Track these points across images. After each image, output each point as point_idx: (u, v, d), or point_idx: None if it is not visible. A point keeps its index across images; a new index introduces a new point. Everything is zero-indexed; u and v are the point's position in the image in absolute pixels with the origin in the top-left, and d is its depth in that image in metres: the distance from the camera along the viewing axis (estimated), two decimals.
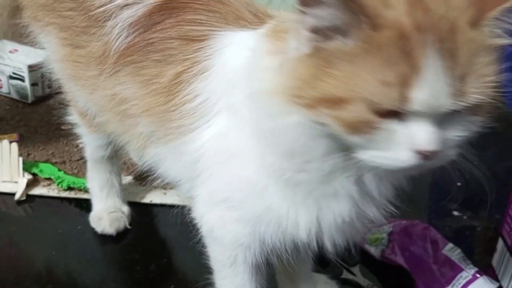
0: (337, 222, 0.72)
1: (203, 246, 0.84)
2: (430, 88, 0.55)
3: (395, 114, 0.56)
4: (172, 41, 0.79)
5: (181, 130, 0.77)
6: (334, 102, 0.57)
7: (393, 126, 0.57)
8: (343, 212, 0.71)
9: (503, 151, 0.94)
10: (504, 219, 0.96)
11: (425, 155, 0.57)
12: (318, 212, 0.71)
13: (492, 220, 1.13)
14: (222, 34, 0.77)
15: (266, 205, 0.72)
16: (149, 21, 0.81)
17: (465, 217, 1.16)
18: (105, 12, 0.83)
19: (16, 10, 1.01)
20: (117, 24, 0.82)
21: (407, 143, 0.57)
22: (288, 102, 0.60)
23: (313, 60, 0.58)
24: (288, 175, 0.68)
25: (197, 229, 0.83)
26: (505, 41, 0.60)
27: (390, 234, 1.06)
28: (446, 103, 0.56)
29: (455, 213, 1.17)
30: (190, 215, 0.84)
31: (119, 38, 0.82)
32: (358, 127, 0.57)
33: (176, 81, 0.77)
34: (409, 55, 0.54)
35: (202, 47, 0.77)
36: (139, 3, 0.83)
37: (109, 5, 0.83)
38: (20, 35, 1.05)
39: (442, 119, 0.57)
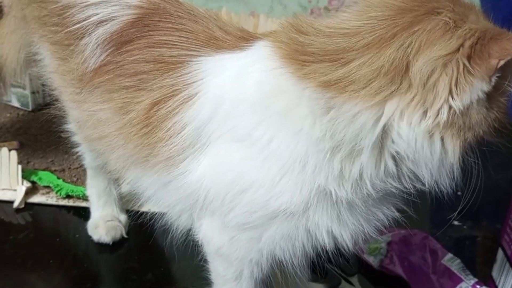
0: (381, 223, 0.74)
1: (204, 261, 0.83)
2: None
3: None
4: (144, 64, 0.77)
5: (171, 163, 0.76)
6: None
7: None
8: (390, 214, 0.73)
9: (504, 161, 0.94)
10: (504, 229, 0.95)
11: None
12: (365, 222, 0.72)
13: (493, 230, 1.12)
14: (201, 59, 0.76)
15: (299, 226, 0.71)
16: (121, 39, 0.80)
17: (465, 226, 1.14)
18: (81, 29, 0.83)
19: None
20: (91, 41, 0.82)
21: None
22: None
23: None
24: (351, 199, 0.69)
25: (199, 245, 0.82)
26: None
27: (389, 243, 1.05)
28: None
29: (455, 222, 1.15)
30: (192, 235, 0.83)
31: (93, 56, 0.81)
32: None
33: (155, 110, 0.75)
34: None
35: (180, 74, 0.75)
36: (113, 19, 0.82)
37: (84, 22, 0.83)
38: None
39: None
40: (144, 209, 1.18)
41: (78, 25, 0.83)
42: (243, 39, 0.77)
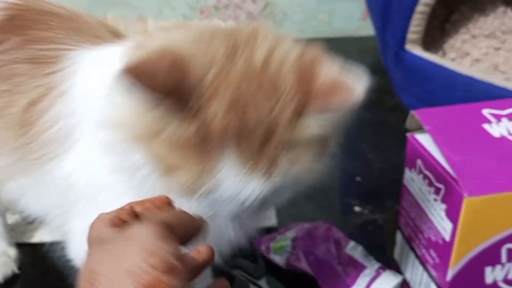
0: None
1: None
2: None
3: None
4: (19, 65, 0.73)
5: (43, 160, 0.73)
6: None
7: None
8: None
9: (400, 142, 0.94)
10: (399, 211, 0.96)
11: None
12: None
13: (394, 212, 1.13)
14: (75, 53, 0.73)
15: None
16: None
17: (366, 211, 1.15)
18: None
19: None
20: None
21: None
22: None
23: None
24: None
25: None
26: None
27: (293, 240, 1.03)
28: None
29: (357, 208, 1.16)
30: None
31: None
32: None
33: (30, 109, 0.72)
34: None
35: (55, 71, 0.72)
36: None
37: None
38: None
39: None
40: (36, 239, 1.11)
41: None
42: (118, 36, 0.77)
